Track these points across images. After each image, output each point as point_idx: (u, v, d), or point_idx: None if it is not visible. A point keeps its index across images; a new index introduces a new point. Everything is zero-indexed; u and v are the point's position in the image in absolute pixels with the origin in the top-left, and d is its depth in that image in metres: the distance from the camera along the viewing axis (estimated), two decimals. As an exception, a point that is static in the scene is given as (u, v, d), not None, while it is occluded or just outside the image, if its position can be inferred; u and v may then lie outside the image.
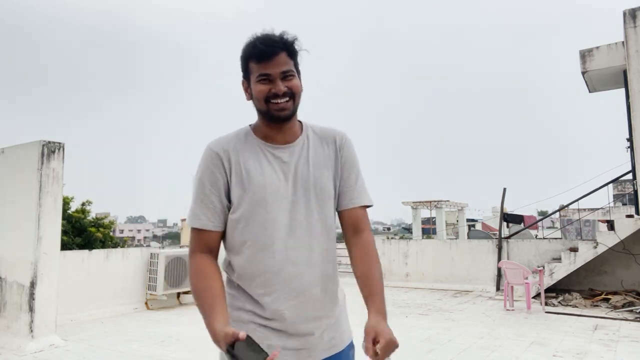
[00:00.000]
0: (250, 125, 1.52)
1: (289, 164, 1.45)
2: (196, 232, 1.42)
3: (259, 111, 1.44)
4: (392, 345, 1.21)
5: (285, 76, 1.39)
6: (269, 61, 1.37)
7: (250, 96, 1.45)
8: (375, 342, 1.22)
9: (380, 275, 1.44)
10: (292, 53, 1.41)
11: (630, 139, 9.93)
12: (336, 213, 1.53)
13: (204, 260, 1.40)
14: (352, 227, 1.50)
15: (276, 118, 1.41)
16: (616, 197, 26.12)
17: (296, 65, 1.44)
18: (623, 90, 10.59)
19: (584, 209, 15.05)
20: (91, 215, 17.99)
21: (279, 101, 1.38)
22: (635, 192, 9.94)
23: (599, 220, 13.22)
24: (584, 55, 10.56)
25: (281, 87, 1.37)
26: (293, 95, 1.40)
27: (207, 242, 1.42)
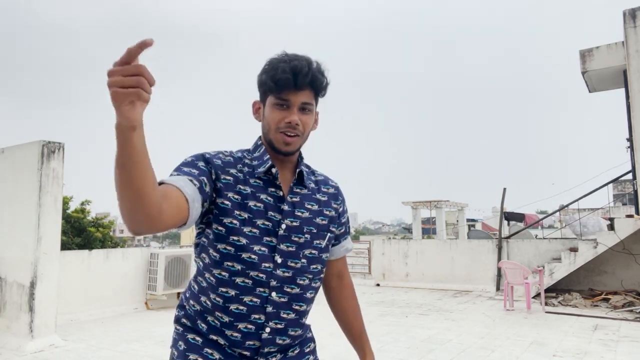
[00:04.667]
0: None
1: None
2: None
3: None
4: None
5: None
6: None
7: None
8: None
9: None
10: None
11: (630, 139, 9.93)
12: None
13: None
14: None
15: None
16: (616, 197, 26.10)
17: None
18: (623, 90, 10.59)
19: (584, 209, 15.03)
20: (91, 215, 17.99)
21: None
22: (635, 192, 9.94)
23: (602, 217, 13.21)
24: (584, 55, 10.56)
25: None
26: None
27: None
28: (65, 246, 14.08)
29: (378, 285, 11.65)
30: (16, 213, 5.80)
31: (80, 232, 16.59)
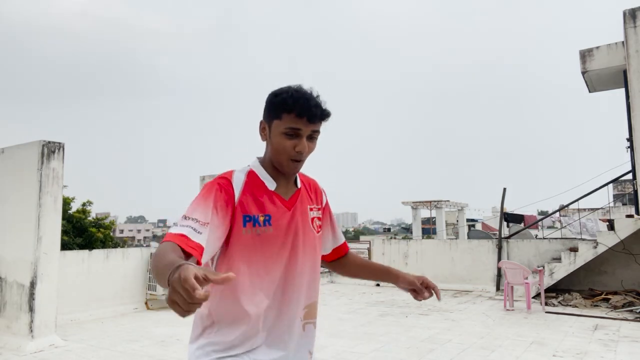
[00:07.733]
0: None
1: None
2: None
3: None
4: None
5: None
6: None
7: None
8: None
9: None
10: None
11: (630, 139, 9.93)
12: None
13: None
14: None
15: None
16: (616, 197, 26.10)
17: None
18: (623, 90, 10.59)
19: (584, 209, 15.03)
20: (91, 216, 18.01)
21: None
22: (635, 192, 9.94)
23: (600, 220, 13.21)
24: (584, 55, 10.56)
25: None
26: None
27: None
28: (66, 246, 14.08)
29: (378, 285, 11.64)
30: (16, 213, 5.80)
31: (82, 233, 16.61)
